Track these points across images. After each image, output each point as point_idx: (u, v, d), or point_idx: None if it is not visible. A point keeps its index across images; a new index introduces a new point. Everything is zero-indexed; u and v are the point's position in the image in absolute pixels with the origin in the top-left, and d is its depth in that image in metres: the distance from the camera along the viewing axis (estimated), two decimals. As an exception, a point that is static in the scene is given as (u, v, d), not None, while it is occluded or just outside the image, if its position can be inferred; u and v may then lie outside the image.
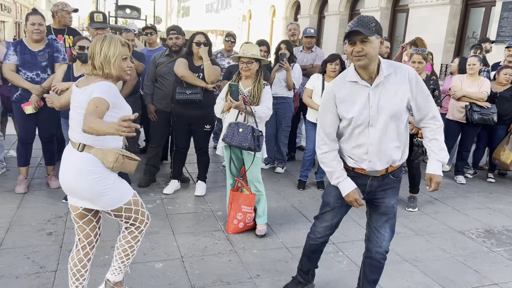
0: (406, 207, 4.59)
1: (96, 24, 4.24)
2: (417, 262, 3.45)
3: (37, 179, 4.74)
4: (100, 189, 2.31)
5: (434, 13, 12.03)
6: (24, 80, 4.05)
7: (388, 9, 14.47)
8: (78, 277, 2.52)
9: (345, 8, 16.71)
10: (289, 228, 3.95)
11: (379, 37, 2.25)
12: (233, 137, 3.63)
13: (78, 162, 2.31)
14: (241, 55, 3.68)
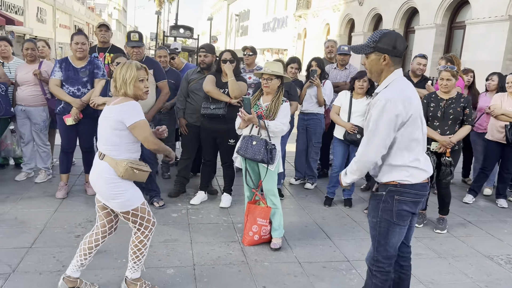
0: (434, 229, 4.42)
1: (132, 43, 4.57)
2: (432, 285, 3.32)
3: (77, 186, 5.10)
4: (112, 193, 2.69)
5: (492, 30, 11.53)
6: (66, 94, 4.44)
7: (444, 26, 14.05)
8: (82, 254, 2.86)
9: (400, 25, 16.44)
10: (306, 244, 3.95)
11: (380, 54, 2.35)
12: (246, 150, 3.73)
13: (99, 168, 2.73)
14: (262, 72, 3.81)
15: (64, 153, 4.73)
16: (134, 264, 2.89)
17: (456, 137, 4.24)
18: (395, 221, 2.41)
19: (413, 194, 2.39)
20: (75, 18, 33.52)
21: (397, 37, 2.36)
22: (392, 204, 2.40)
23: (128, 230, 3.69)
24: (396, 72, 2.39)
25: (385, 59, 2.35)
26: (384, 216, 2.43)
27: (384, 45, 2.32)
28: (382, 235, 2.46)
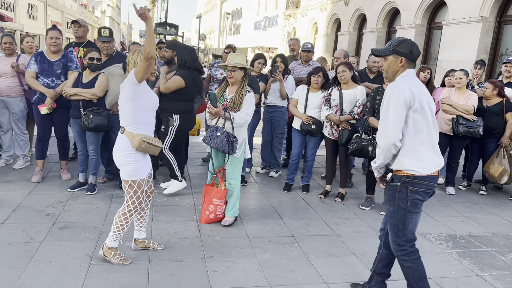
0: (380, 211, 4.81)
1: (103, 38, 4.92)
2: (363, 256, 3.71)
3: (53, 172, 5.45)
4: (124, 161, 3.16)
5: (467, 30, 11.96)
6: (40, 85, 4.78)
7: (423, 26, 14.48)
8: (137, 219, 3.45)
9: (383, 25, 16.87)
10: (258, 222, 4.32)
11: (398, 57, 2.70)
12: (211, 140, 4.08)
13: (119, 140, 3.21)
14: (226, 64, 4.15)
15: (40, 140, 5.07)
16: (113, 233, 3.25)
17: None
18: (410, 209, 2.68)
19: (424, 185, 2.65)
20: (67, 15, 33.66)
21: (413, 44, 2.72)
22: (406, 194, 2.66)
23: (94, 211, 4.08)
24: (408, 70, 2.72)
25: (401, 62, 2.70)
26: (400, 204, 2.69)
27: (402, 49, 2.69)
28: (400, 221, 2.72)
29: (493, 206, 5.35)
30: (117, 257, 3.28)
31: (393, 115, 2.60)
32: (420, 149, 2.66)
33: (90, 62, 4.59)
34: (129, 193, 3.18)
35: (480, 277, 3.48)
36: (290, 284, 3.18)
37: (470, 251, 3.95)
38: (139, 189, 3.18)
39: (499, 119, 5.49)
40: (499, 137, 5.55)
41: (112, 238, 3.27)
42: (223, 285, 3.10)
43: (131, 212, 3.22)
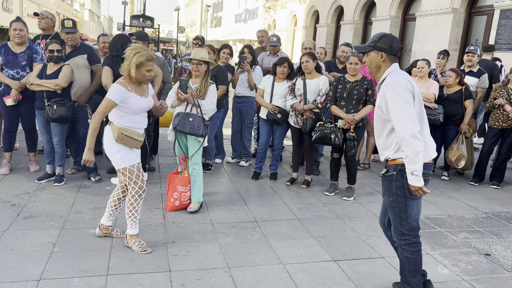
0: (342, 197, 4.97)
1: (66, 29, 4.94)
2: (322, 239, 3.86)
3: (22, 164, 5.46)
4: (110, 152, 3.31)
5: (438, 22, 12.20)
6: (5, 76, 4.78)
7: (398, 18, 14.70)
8: (110, 207, 3.56)
9: (359, 17, 17.05)
10: (224, 209, 4.44)
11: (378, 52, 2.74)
12: (184, 125, 4.18)
13: (105, 131, 3.34)
14: (191, 57, 4.28)
15: (7, 132, 5.07)
16: (130, 221, 3.41)
17: (359, 115, 4.78)
18: (409, 196, 2.66)
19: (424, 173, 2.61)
20: (44, 8, 33.07)
21: (393, 39, 2.75)
22: (403, 181, 2.64)
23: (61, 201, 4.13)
24: (393, 65, 2.74)
25: (382, 56, 2.74)
26: (398, 193, 2.69)
27: (381, 44, 2.73)
28: (402, 210, 2.70)
29: (453, 190, 5.56)
30: (138, 244, 3.41)
31: (402, 110, 2.55)
32: None
33: (50, 55, 4.62)
34: (126, 180, 3.32)
35: (430, 255, 3.66)
36: (248, 265, 3.30)
37: (424, 232, 4.13)
38: (132, 175, 3.30)
39: (459, 106, 5.69)
40: (459, 124, 5.75)
41: (130, 226, 3.42)
42: (182, 268, 3.21)
43: (135, 197, 3.35)
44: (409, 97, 2.59)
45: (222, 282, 3.04)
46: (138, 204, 3.39)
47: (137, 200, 3.37)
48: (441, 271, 3.40)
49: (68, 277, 2.97)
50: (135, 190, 3.34)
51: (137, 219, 3.43)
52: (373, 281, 3.19)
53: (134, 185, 3.32)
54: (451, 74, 5.71)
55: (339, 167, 5.14)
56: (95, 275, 3.02)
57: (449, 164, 5.90)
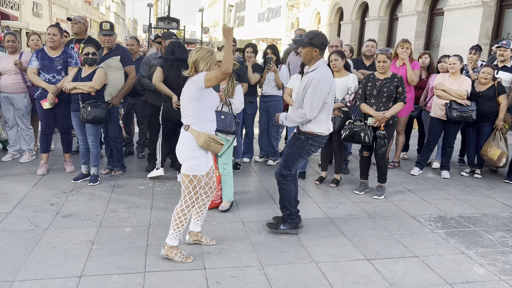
0: (373, 195, 4.94)
1: (104, 31, 5.10)
2: (353, 238, 3.85)
3: (58, 165, 5.65)
4: (187, 156, 3.21)
5: (468, 15, 11.93)
6: (42, 81, 4.96)
7: (425, 13, 14.45)
8: (196, 213, 3.54)
9: (385, 13, 16.83)
10: (254, 208, 4.48)
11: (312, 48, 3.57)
12: (217, 123, 4.24)
13: (181, 137, 3.27)
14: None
15: (44, 134, 5.26)
16: (173, 231, 3.25)
17: (389, 113, 4.74)
18: (303, 155, 3.74)
19: (320, 142, 3.73)
20: (72, 12, 33.92)
21: (324, 37, 3.59)
22: (305, 144, 3.70)
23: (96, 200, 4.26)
24: (321, 59, 3.63)
25: (316, 51, 3.58)
26: (297, 150, 3.73)
27: (316, 41, 3.54)
28: (292, 161, 3.76)
29: (486, 188, 5.45)
30: (179, 255, 3.28)
31: (317, 100, 3.56)
32: None
33: (85, 57, 4.76)
34: (188, 188, 3.20)
35: (465, 254, 3.61)
36: (280, 263, 3.33)
37: (458, 231, 4.07)
38: (198, 185, 3.21)
39: (493, 103, 5.53)
40: (493, 120, 5.60)
41: (172, 237, 3.26)
42: (216, 265, 3.26)
43: (189, 207, 3.24)
44: (321, 96, 3.57)
45: (256, 280, 3.08)
46: (189, 214, 3.27)
47: (190, 211, 3.26)
48: (478, 270, 3.35)
49: (108, 274, 3.07)
50: (191, 200, 3.23)
51: (182, 229, 3.27)
52: (407, 280, 3.17)
53: (193, 195, 3.23)
54: (490, 71, 5.53)
55: (369, 165, 5.11)
56: (133, 272, 3.11)
57: (488, 163, 5.74)
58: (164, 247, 3.31)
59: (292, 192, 3.84)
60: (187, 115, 3.21)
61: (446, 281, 3.16)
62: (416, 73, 5.89)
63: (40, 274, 3.03)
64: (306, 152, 3.74)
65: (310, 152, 3.78)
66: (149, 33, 15.70)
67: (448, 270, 3.32)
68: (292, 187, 3.83)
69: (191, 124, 3.20)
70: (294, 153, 3.74)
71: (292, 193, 3.84)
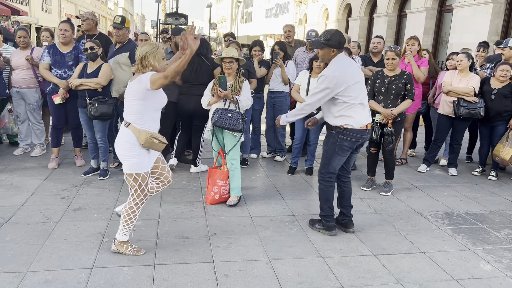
0: (380, 192, 4.96)
1: (114, 24, 5.19)
2: (360, 233, 3.88)
3: (68, 159, 5.73)
4: (127, 155, 3.12)
5: (477, 12, 11.85)
6: (53, 76, 5.03)
7: (434, 9, 14.36)
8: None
9: (393, 9, 16.75)
10: (261, 203, 4.52)
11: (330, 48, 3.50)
12: (224, 121, 4.30)
13: (120, 133, 3.17)
14: (224, 56, 4.39)
15: (55, 128, 5.33)
16: (123, 227, 3.25)
17: (397, 110, 4.75)
18: (337, 151, 3.62)
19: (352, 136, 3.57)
20: (81, 7, 34.04)
21: (341, 35, 3.47)
22: (336, 139, 3.60)
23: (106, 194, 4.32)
24: (340, 55, 3.52)
25: (334, 51, 3.50)
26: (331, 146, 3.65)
27: (333, 42, 3.44)
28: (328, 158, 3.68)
29: (494, 186, 5.44)
30: (130, 248, 3.29)
31: (322, 95, 3.51)
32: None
33: (85, 52, 4.81)
34: (134, 186, 3.14)
35: (472, 251, 3.63)
36: (288, 257, 3.38)
37: (465, 228, 4.08)
38: (143, 182, 3.14)
39: (508, 101, 5.47)
40: (508, 119, 5.55)
41: (122, 233, 3.27)
42: (225, 258, 3.31)
43: (138, 205, 3.22)
44: (325, 93, 3.49)
45: (264, 274, 3.13)
46: (138, 211, 3.25)
47: (139, 208, 3.24)
48: (484, 267, 3.37)
49: (118, 266, 3.13)
50: (139, 198, 3.19)
51: (132, 225, 3.28)
52: (413, 275, 3.20)
53: (140, 193, 3.18)
54: (508, 69, 5.44)
55: (376, 162, 5.13)
56: (143, 264, 3.17)
57: (500, 163, 5.71)
58: (114, 242, 3.31)
59: (327, 194, 3.75)
60: (130, 113, 3.11)
61: (452, 277, 3.19)
62: (424, 70, 5.89)
63: (52, 266, 3.10)
64: (340, 148, 3.60)
65: (345, 148, 3.60)
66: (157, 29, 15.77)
67: (455, 266, 3.35)
68: (328, 189, 3.73)
69: (132, 122, 3.10)
70: (328, 149, 3.65)
71: (327, 195, 3.75)
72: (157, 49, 3.12)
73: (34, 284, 2.86)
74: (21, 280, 2.89)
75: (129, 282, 2.94)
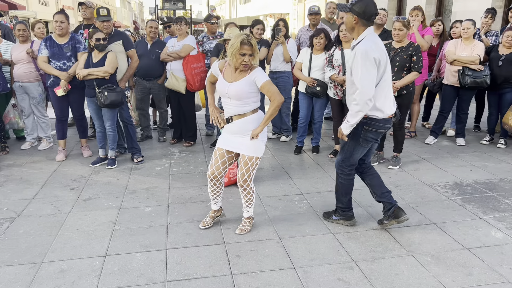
0: (388, 166, 4.94)
1: (102, 17, 5.07)
2: (369, 208, 3.89)
3: (75, 150, 5.76)
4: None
5: (481, -23, 11.56)
6: (53, 68, 5.01)
7: (437, -23, 14.03)
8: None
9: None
10: (269, 184, 4.53)
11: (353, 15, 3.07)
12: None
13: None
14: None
15: (59, 121, 5.34)
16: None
17: (400, 83, 4.68)
18: (361, 143, 3.26)
19: (377, 126, 3.21)
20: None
21: (368, 4, 3.01)
22: (360, 131, 3.22)
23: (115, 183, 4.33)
24: (368, 29, 3.08)
25: (355, 20, 3.07)
26: (354, 138, 3.27)
27: (357, 8, 3.03)
28: (350, 150, 3.32)
29: (503, 153, 5.40)
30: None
31: (364, 77, 2.99)
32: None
33: (97, 43, 4.77)
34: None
35: (482, 219, 3.62)
36: (298, 235, 3.39)
37: (474, 197, 4.07)
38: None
39: (516, 67, 5.39)
40: (516, 86, 5.48)
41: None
42: (236, 240, 3.34)
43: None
44: (371, 68, 2.98)
45: (275, 252, 3.15)
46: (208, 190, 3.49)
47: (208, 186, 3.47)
48: (495, 234, 3.36)
49: (131, 252, 3.16)
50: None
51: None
52: (425, 246, 3.20)
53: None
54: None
55: (384, 137, 5.09)
56: (156, 249, 3.21)
57: (509, 131, 5.64)
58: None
59: (347, 187, 3.46)
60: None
61: (464, 246, 3.19)
62: (427, 38, 5.80)
63: (66, 255, 3.14)
64: (364, 140, 3.25)
65: (369, 140, 3.26)
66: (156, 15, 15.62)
67: (466, 236, 3.35)
68: (348, 182, 3.44)
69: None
70: (351, 140, 3.29)
71: (347, 188, 3.47)
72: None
73: (50, 274, 2.91)
74: (37, 271, 2.94)
75: (142, 267, 2.98)
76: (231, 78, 3.18)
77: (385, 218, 3.40)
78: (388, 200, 3.39)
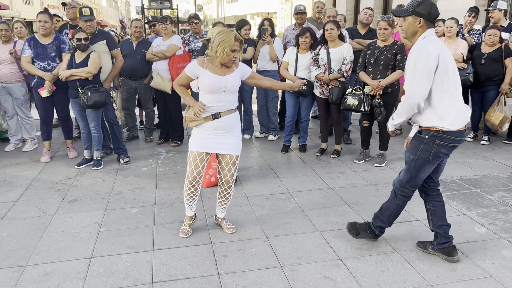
0: (373, 163, 4.98)
1: (85, 17, 5.01)
2: (356, 205, 3.91)
3: (60, 151, 5.70)
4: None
5: (464, -25, 11.71)
6: (37, 69, 4.94)
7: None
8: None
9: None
10: (256, 183, 4.53)
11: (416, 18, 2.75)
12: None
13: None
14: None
15: (44, 122, 5.27)
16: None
17: (385, 81, 4.72)
18: (431, 160, 2.83)
19: (451, 140, 2.77)
20: (63, -2, 33.37)
21: (432, 5, 2.74)
22: (432, 146, 2.79)
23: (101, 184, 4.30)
24: (428, 31, 2.76)
25: (420, 22, 2.76)
26: (421, 155, 2.83)
27: (421, 10, 2.73)
28: (416, 170, 2.89)
29: (486, 150, 5.48)
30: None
31: (419, 76, 2.67)
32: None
33: (78, 43, 4.73)
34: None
35: (466, 215, 3.67)
36: (285, 234, 3.41)
37: (458, 193, 4.13)
38: (189, 160, 3.29)
39: (499, 65, 5.46)
40: (499, 84, 5.54)
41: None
42: (223, 239, 3.34)
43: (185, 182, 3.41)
44: (429, 69, 2.65)
45: (262, 251, 3.15)
46: (184, 190, 3.43)
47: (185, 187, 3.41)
48: (478, 230, 3.41)
49: (117, 254, 3.14)
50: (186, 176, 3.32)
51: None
52: (410, 243, 3.24)
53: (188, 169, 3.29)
54: (496, 33, 5.43)
55: (369, 135, 5.13)
56: (142, 250, 3.19)
57: (490, 128, 5.72)
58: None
59: (400, 210, 3.12)
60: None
61: (448, 242, 3.23)
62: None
63: (51, 258, 3.10)
64: (434, 156, 2.81)
65: (441, 156, 2.82)
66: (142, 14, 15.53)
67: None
68: (404, 204, 3.10)
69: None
70: (418, 158, 2.84)
71: (399, 211, 3.12)
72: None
73: (34, 277, 2.88)
74: (21, 274, 2.91)
75: (128, 268, 2.96)
76: (221, 72, 3.15)
77: (434, 248, 3.09)
78: (445, 234, 3.04)
